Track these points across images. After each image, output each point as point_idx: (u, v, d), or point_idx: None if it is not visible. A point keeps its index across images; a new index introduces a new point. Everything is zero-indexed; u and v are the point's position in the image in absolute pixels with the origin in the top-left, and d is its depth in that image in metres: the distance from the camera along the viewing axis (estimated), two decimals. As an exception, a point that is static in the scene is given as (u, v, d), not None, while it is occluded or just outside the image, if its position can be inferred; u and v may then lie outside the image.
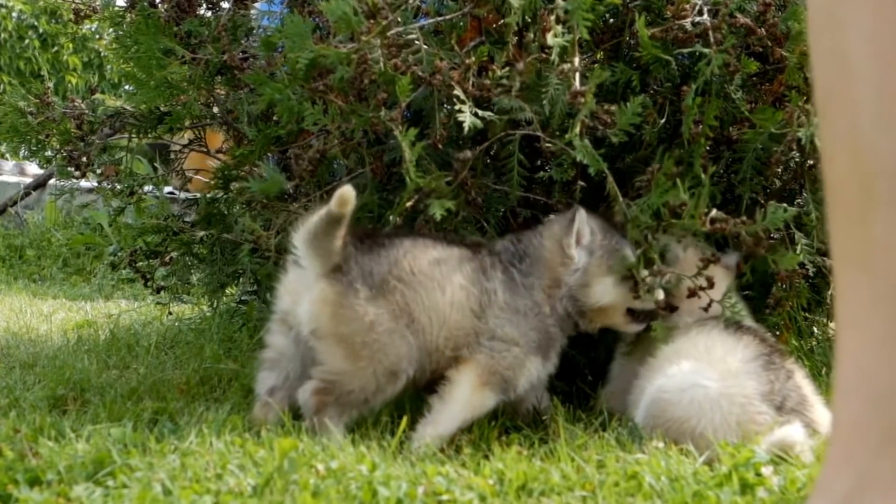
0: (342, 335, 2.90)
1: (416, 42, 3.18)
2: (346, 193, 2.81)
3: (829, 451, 1.84)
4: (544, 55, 3.07)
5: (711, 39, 3.11)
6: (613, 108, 3.02)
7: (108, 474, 2.40)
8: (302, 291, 2.97)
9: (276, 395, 3.00)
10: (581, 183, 3.30)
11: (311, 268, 2.94)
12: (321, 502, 2.27)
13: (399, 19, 3.13)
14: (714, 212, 2.99)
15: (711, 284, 3.09)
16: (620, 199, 3.08)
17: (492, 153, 3.48)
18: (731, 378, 2.89)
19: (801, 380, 3.02)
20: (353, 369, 2.88)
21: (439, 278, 2.98)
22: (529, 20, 3.16)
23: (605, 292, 3.14)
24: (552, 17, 3.00)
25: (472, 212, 3.34)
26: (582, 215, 3.10)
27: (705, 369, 2.92)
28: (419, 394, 3.21)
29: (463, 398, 2.95)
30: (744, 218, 2.96)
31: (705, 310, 3.15)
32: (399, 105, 3.09)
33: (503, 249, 3.14)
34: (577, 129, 2.95)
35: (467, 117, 3.05)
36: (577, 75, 2.99)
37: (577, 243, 3.10)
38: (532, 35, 3.15)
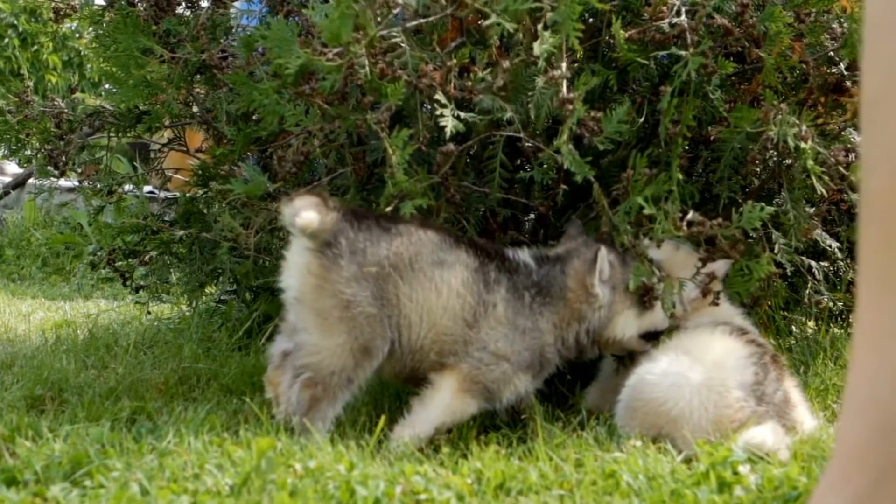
0: (321, 308, 2.90)
1: (401, 45, 3.17)
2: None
3: (828, 469, 1.82)
4: (530, 58, 3.06)
5: (688, 41, 3.12)
6: (600, 115, 3.02)
7: (85, 474, 2.40)
8: (295, 261, 2.98)
9: (288, 359, 2.97)
10: (563, 187, 3.30)
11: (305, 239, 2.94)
12: (298, 502, 2.27)
13: (380, 19, 3.12)
14: (691, 214, 2.99)
15: (714, 278, 3.10)
16: (606, 206, 3.07)
17: (472, 153, 3.48)
18: (716, 370, 2.91)
19: (789, 383, 3.05)
20: (330, 345, 2.88)
21: (437, 280, 2.97)
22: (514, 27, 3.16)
23: (628, 325, 3.16)
24: (539, 26, 2.99)
25: (451, 211, 3.33)
26: (603, 254, 3.07)
27: (693, 360, 2.95)
28: (398, 394, 3.21)
29: (443, 403, 2.95)
30: (720, 220, 2.97)
31: (714, 302, 3.17)
32: (389, 107, 3.08)
33: (522, 269, 3.10)
34: (565, 137, 2.95)
35: (449, 121, 3.04)
36: (565, 82, 2.99)
37: (599, 280, 3.09)
38: (517, 38, 3.15)
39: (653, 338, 3.20)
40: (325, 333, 2.89)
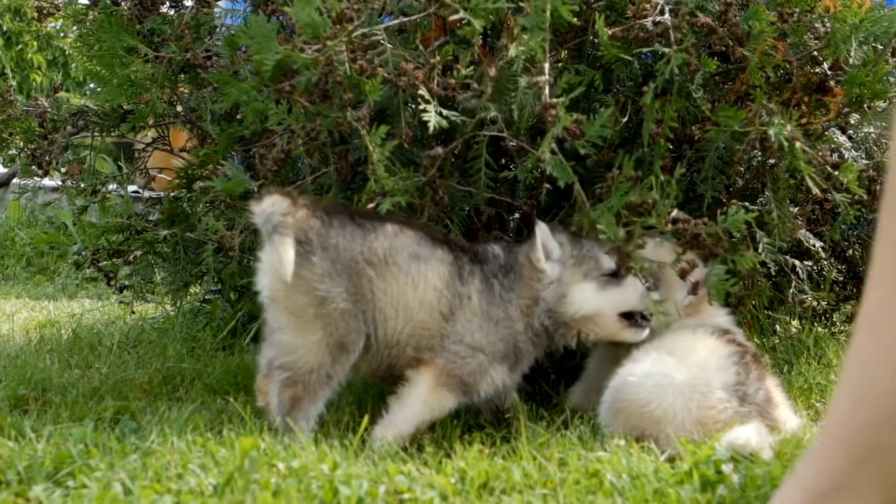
0: (295, 306, 2.92)
1: (382, 43, 3.18)
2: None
3: (815, 445, 1.83)
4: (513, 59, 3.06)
5: (672, 39, 3.12)
6: (582, 118, 3.02)
7: (68, 474, 2.40)
8: (267, 259, 2.99)
9: (274, 374, 2.96)
10: (546, 186, 3.30)
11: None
12: (282, 501, 2.27)
13: (362, 17, 3.12)
14: (675, 212, 2.99)
15: (695, 266, 3.09)
16: (587, 205, 3.07)
17: (456, 152, 3.48)
18: (698, 370, 2.92)
19: (771, 382, 3.06)
20: (306, 343, 2.90)
21: (414, 274, 2.98)
22: (496, 24, 3.16)
23: (586, 300, 3.09)
24: (517, 29, 2.99)
25: (436, 210, 3.34)
26: (543, 229, 3.09)
27: (676, 360, 2.95)
28: (382, 393, 3.21)
29: (420, 399, 2.96)
30: (705, 219, 2.97)
31: (692, 292, 3.16)
32: (368, 105, 3.09)
33: (491, 259, 3.12)
34: (547, 144, 2.95)
35: (432, 117, 3.05)
36: (547, 87, 2.99)
37: (547, 257, 3.08)
38: (500, 37, 3.15)
39: (640, 323, 3.16)
40: (301, 331, 2.91)
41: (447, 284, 3.00)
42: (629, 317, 3.15)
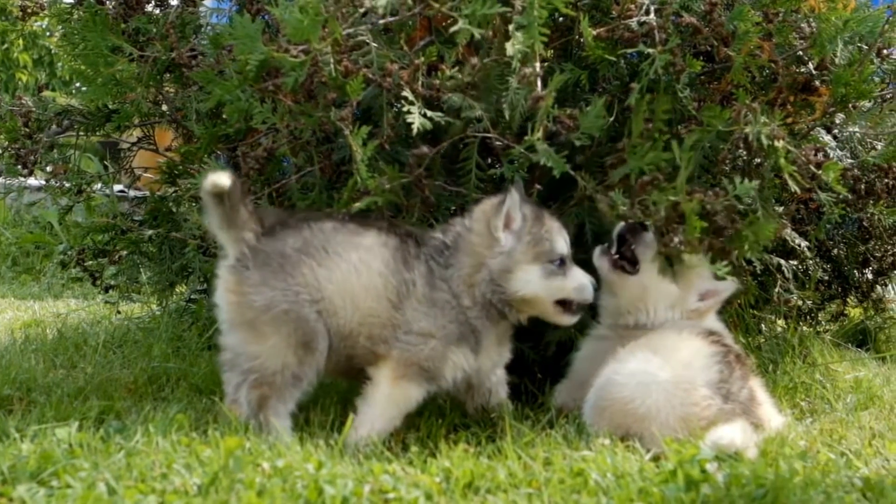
0: (245, 320, 2.96)
1: (367, 43, 3.18)
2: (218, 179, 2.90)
3: None
4: (502, 58, 3.06)
5: (656, 39, 3.13)
6: (576, 111, 3.02)
7: (52, 474, 2.39)
8: (218, 280, 3.04)
9: (241, 390, 2.96)
10: (538, 186, 3.31)
11: (227, 255, 3.01)
12: (266, 501, 2.27)
13: (346, 17, 3.12)
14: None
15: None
16: (594, 188, 3.08)
17: (443, 152, 3.48)
18: (682, 368, 2.93)
19: (755, 382, 3.08)
20: (264, 349, 2.92)
21: (355, 261, 2.98)
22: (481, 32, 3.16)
23: (529, 282, 3.05)
24: (511, 26, 2.99)
25: (423, 210, 3.34)
26: (514, 198, 3.04)
27: (660, 359, 2.97)
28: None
29: (384, 395, 2.96)
30: (717, 189, 2.98)
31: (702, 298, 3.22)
32: (350, 105, 3.09)
33: (429, 240, 3.11)
34: (539, 133, 2.95)
35: (416, 118, 3.05)
36: (539, 80, 2.99)
37: (506, 227, 3.05)
38: (486, 37, 3.15)
39: (575, 309, 3.14)
40: (256, 340, 2.94)
41: (392, 271, 3.00)
42: (564, 303, 3.12)
